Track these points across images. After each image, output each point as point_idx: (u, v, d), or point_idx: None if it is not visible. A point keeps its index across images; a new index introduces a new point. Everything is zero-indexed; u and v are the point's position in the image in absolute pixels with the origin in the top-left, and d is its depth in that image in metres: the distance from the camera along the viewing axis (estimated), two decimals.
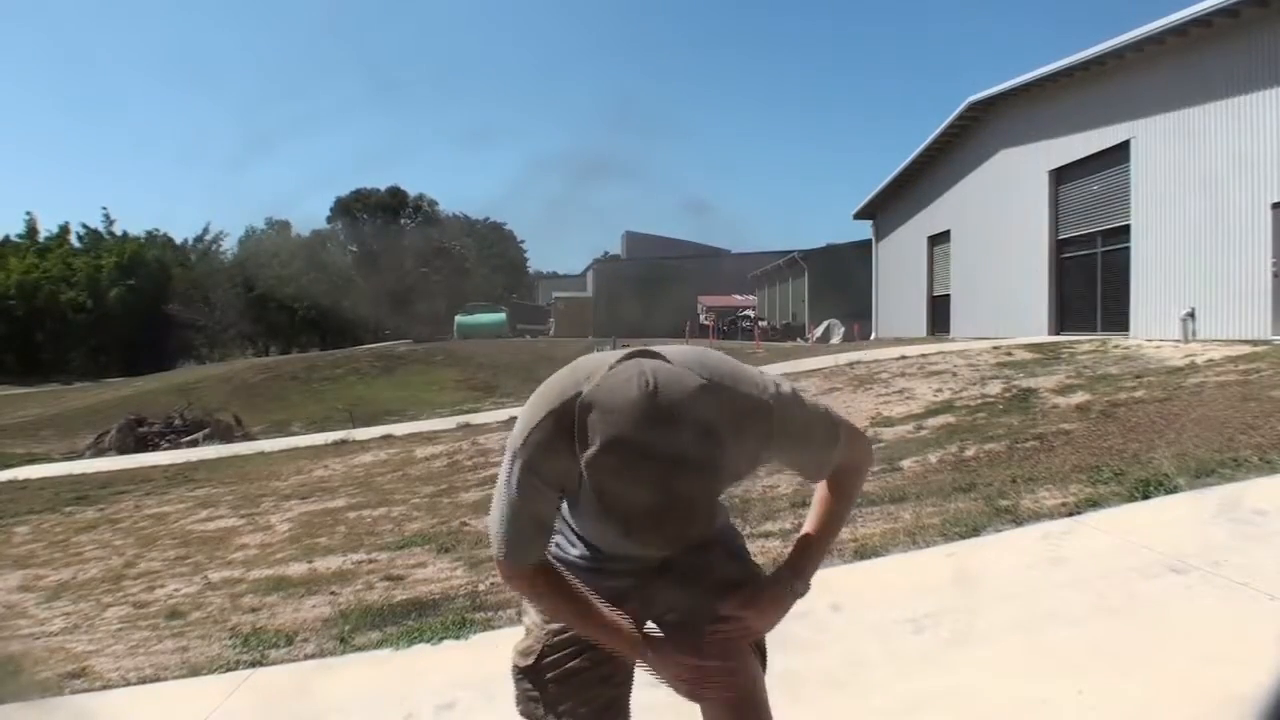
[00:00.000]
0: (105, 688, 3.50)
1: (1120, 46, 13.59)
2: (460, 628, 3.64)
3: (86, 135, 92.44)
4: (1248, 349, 9.55)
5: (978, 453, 6.04)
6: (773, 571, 1.56)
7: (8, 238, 52.81)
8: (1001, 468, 5.46)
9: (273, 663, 3.59)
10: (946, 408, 8.08)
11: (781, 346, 24.64)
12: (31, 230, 53.39)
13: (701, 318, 37.43)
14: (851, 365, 11.95)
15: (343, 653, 3.61)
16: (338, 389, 21.97)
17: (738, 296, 41.84)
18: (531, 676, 1.53)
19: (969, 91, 18.72)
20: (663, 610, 1.57)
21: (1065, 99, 15.69)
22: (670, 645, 1.47)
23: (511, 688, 1.59)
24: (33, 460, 14.05)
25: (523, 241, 66.32)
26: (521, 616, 1.63)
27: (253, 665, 3.56)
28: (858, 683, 2.68)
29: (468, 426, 11.55)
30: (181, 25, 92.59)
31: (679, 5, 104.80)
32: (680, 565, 1.48)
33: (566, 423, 1.21)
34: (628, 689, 1.59)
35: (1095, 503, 4.33)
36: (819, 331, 28.46)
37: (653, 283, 40.45)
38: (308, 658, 3.60)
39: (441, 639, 3.58)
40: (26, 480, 10.81)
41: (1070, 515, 4.19)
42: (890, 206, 24.94)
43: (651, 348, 1.33)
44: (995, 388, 8.79)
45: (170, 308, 46.84)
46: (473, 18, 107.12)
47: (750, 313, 38.43)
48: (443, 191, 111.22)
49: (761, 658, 1.60)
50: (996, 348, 12.24)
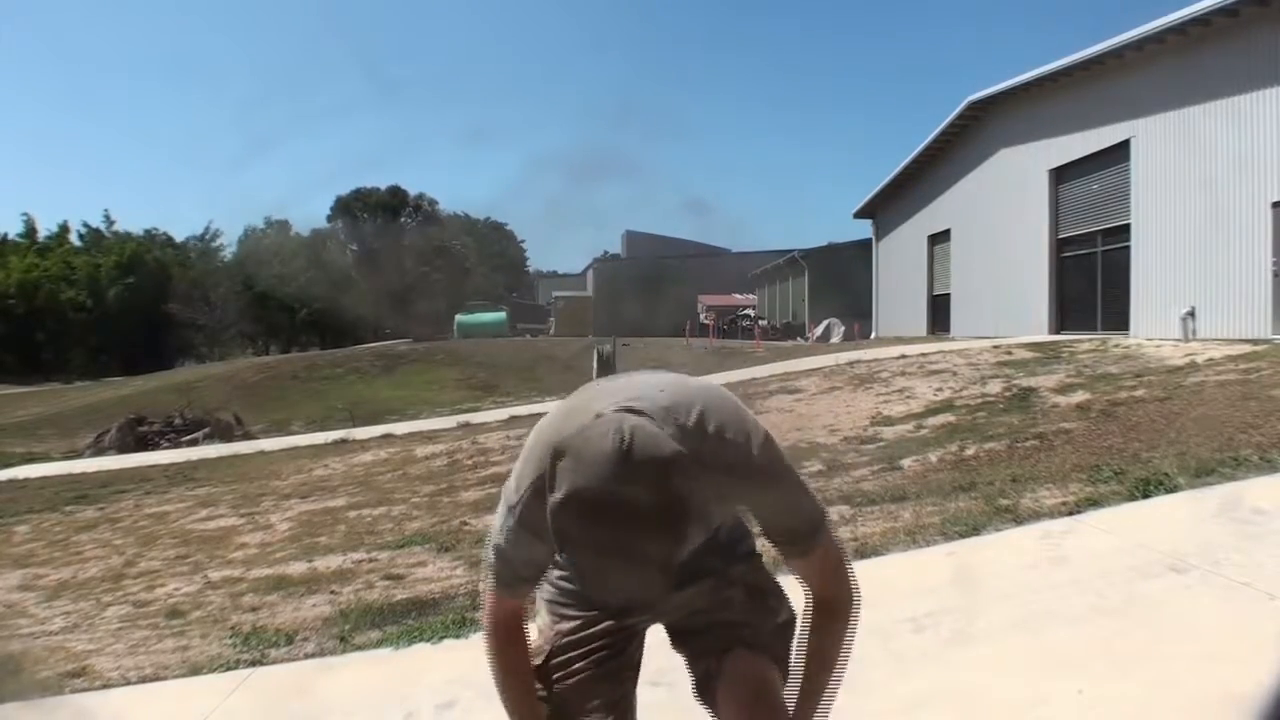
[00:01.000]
0: (105, 687, 3.50)
1: (1120, 46, 13.59)
2: (460, 626, 3.64)
3: (86, 135, 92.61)
4: (1248, 348, 9.55)
5: (978, 452, 6.04)
6: None
7: (7, 237, 52.86)
8: (1002, 467, 5.46)
9: (273, 662, 3.59)
10: (947, 407, 8.08)
11: (782, 346, 24.65)
12: (31, 230, 53.43)
13: (702, 317, 37.42)
14: (852, 364, 11.96)
15: (343, 652, 3.61)
16: (338, 388, 21.98)
17: (738, 296, 41.86)
18: (539, 676, 1.53)
19: (969, 91, 18.76)
20: (669, 616, 1.57)
21: (1065, 98, 15.69)
22: None
23: None
24: (33, 459, 14.05)
25: (523, 241, 66.42)
26: (534, 617, 1.63)
27: (253, 664, 3.56)
28: (857, 682, 2.66)
29: (468, 425, 11.56)
30: (181, 25, 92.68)
31: (679, 5, 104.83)
32: (693, 573, 1.47)
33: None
34: (633, 687, 1.59)
35: (1095, 502, 4.32)
36: (819, 330, 28.49)
37: (653, 282, 40.47)
38: (308, 657, 3.60)
39: (442, 638, 3.58)
40: (26, 479, 10.82)
41: (1070, 514, 4.19)
42: (890, 206, 24.94)
43: (653, 377, 1.35)
44: (995, 387, 8.79)
45: (170, 307, 46.85)
46: (473, 18, 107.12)
47: (750, 312, 38.44)
48: (443, 191, 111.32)
49: (784, 669, 1.56)
50: (997, 347, 12.24)
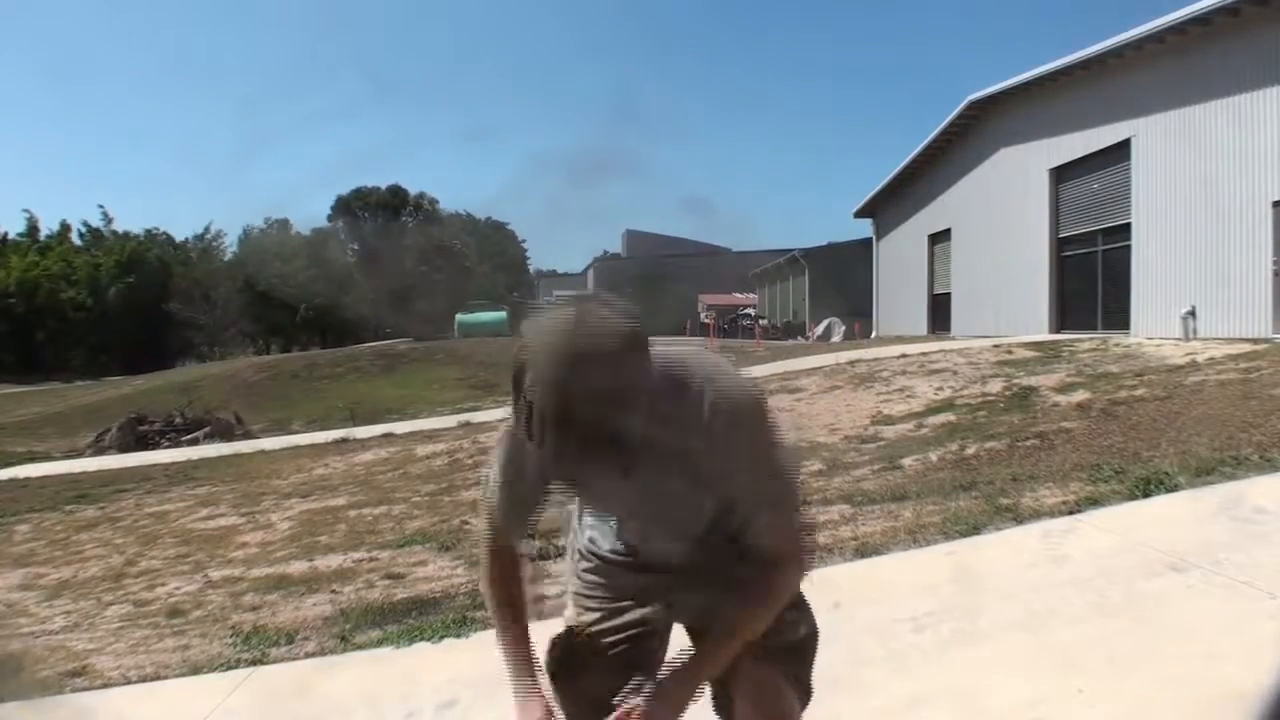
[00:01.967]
0: (106, 686, 3.50)
1: (1120, 45, 13.59)
2: (461, 626, 3.64)
3: (87, 134, 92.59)
4: (1248, 347, 9.54)
5: (978, 451, 6.04)
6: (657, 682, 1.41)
7: (7, 236, 52.88)
8: (1002, 466, 5.46)
9: (273, 661, 3.59)
10: (947, 406, 8.08)
11: (782, 345, 24.64)
12: (32, 229, 53.45)
13: (702, 316, 37.45)
14: (852, 363, 11.96)
15: (343, 651, 3.61)
16: (338, 387, 21.96)
17: (738, 295, 41.86)
18: (559, 669, 1.55)
19: (969, 90, 18.75)
20: (689, 616, 1.55)
21: (1066, 97, 15.68)
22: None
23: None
24: (33, 458, 14.06)
25: (523, 240, 66.40)
26: (563, 611, 1.65)
27: (253, 664, 3.56)
28: (858, 681, 2.68)
29: (468, 425, 11.55)
30: (181, 24, 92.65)
31: (679, 4, 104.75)
32: (714, 576, 1.45)
33: None
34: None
35: (1096, 501, 4.32)
36: (820, 330, 28.49)
37: (653, 281, 40.49)
38: (309, 656, 3.60)
39: (443, 637, 3.57)
40: (27, 479, 10.82)
41: (1071, 514, 4.19)
42: (891, 205, 24.94)
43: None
44: (996, 386, 8.79)
45: (171, 306, 46.88)
46: (473, 17, 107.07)
47: (751, 311, 38.45)
48: (443, 190, 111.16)
49: (800, 689, 1.52)
50: (997, 346, 12.24)
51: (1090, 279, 15.48)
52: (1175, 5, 12.14)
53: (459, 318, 39.95)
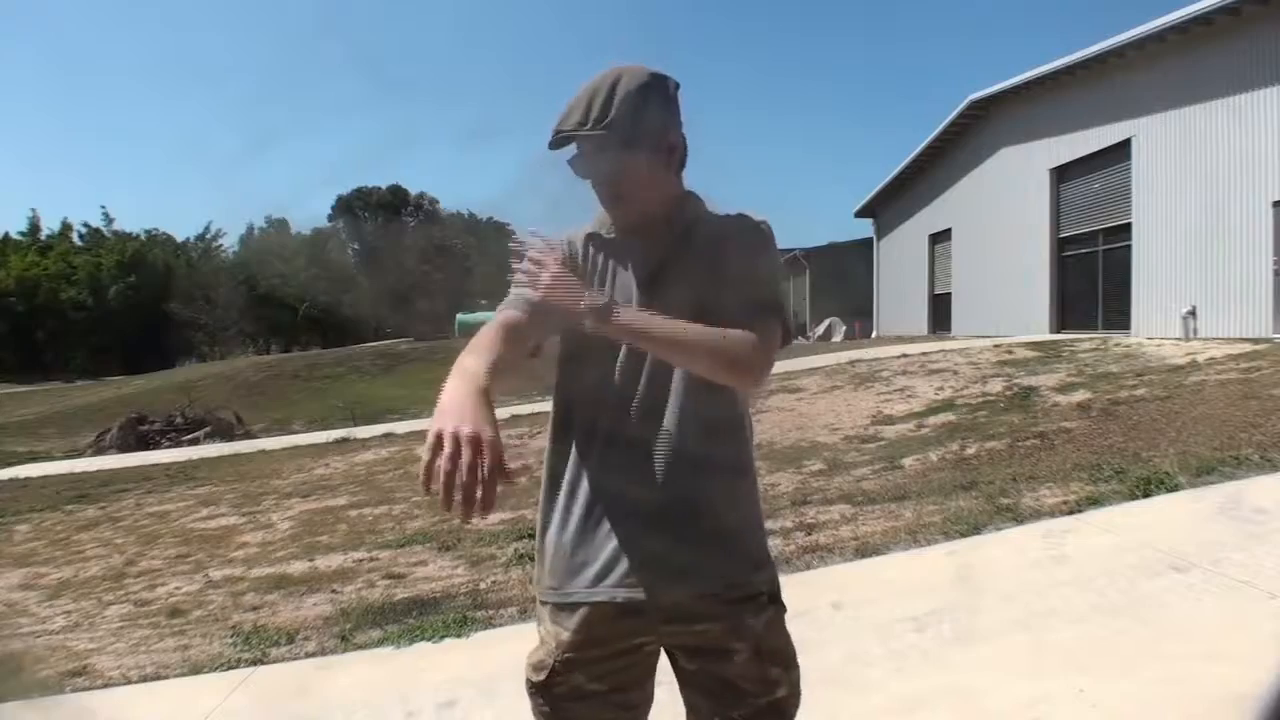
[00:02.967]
0: (106, 686, 3.50)
1: (1121, 45, 13.57)
2: (461, 626, 3.64)
3: (87, 134, 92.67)
4: (1249, 347, 9.54)
5: (979, 451, 6.04)
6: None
7: (8, 235, 52.90)
8: (1003, 466, 5.46)
9: (274, 661, 3.59)
10: (948, 406, 8.08)
11: None
12: (34, 228, 53.49)
13: None
14: (853, 363, 11.96)
15: (344, 651, 3.61)
16: (339, 387, 22.00)
17: None
18: (544, 693, 1.44)
19: (970, 90, 18.74)
20: (668, 604, 1.40)
21: (1066, 97, 15.67)
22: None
23: (512, 686, 1.57)
24: (34, 458, 14.08)
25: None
26: (538, 625, 1.55)
27: (254, 663, 3.56)
28: (859, 681, 2.68)
29: None
30: (182, 24, 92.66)
31: (679, 4, 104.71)
32: (708, 623, 1.36)
33: None
34: (645, 712, 1.53)
35: (1096, 501, 4.33)
36: (820, 329, 28.44)
37: None
38: (309, 656, 3.61)
39: (443, 637, 3.58)
40: (28, 478, 10.83)
41: (1071, 513, 4.20)
42: (891, 205, 24.93)
43: None
44: (996, 386, 8.78)
45: (171, 306, 46.90)
46: (473, 17, 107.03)
47: None
48: (444, 189, 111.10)
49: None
50: (998, 346, 12.24)
51: (1091, 279, 15.48)
52: (1176, 4, 12.15)
53: (459, 317, 39.93)
